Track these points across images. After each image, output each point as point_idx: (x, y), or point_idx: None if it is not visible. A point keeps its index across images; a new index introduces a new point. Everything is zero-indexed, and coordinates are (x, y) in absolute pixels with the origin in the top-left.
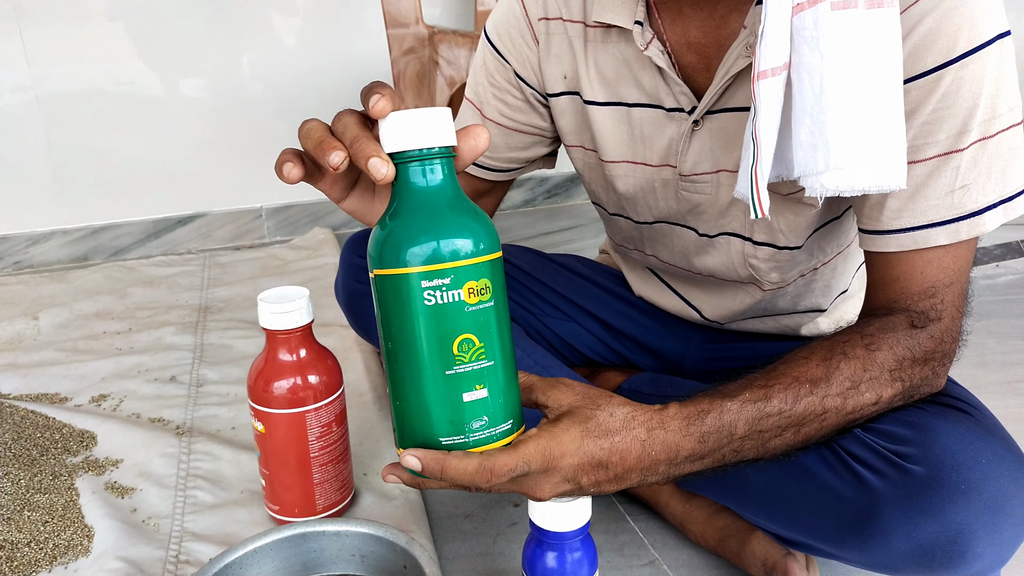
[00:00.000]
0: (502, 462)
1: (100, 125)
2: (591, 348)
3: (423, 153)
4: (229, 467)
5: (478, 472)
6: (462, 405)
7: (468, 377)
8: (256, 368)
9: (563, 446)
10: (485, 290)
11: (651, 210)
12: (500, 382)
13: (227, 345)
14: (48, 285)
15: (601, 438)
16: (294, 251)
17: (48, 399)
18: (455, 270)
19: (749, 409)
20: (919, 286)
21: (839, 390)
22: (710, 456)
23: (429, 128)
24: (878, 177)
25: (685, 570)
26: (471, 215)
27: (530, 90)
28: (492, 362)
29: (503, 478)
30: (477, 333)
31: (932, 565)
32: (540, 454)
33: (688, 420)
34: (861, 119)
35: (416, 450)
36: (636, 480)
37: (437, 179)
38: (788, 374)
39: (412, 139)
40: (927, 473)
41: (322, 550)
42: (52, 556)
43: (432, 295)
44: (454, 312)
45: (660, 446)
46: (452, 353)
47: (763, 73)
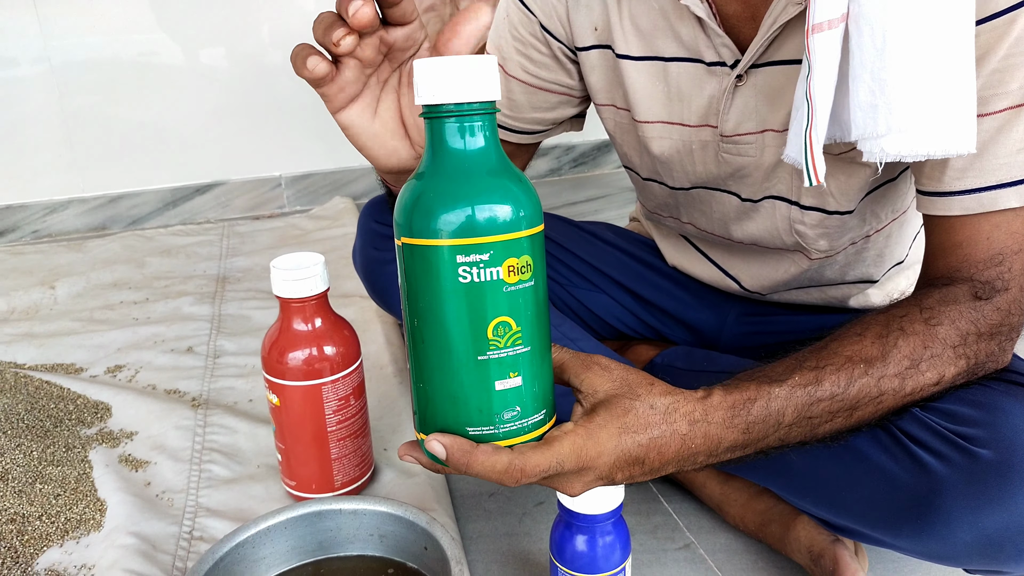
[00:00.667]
0: (534, 462)
1: (117, 94)
2: (621, 320)
3: (463, 108)
4: (246, 440)
5: (507, 471)
6: (493, 394)
7: (502, 364)
8: (270, 338)
9: (600, 445)
10: (526, 268)
11: (688, 175)
12: (535, 369)
13: (245, 316)
14: (65, 254)
15: (640, 433)
16: (314, 221)
17: (63, 369)
18: (495, 245)
19: (799, 395)
20: (984, 253)
21: (897, 370)
22: (753, 445)
23: (472, 79)
24: (945, 141)
25: (722, 555)
26: (515, 182)
27: (557, 44)
28: (529, 348)
29: (533, 478)
30: (515, 316)
31: (1000, 557)
32: (575, 454)
33: (733, 410)
34: (928, 77)
35: (443, 436)
36: (672, 470)
37: (479, 139)
38: (840, 353)
39: (451, 91)
40: (996, 457)
41: (339, 529)
42: (64, 530)
43: (468, 272)
44: (491, 292)
45: (701, 439)
46: (486, 337)
47: (819, 26)
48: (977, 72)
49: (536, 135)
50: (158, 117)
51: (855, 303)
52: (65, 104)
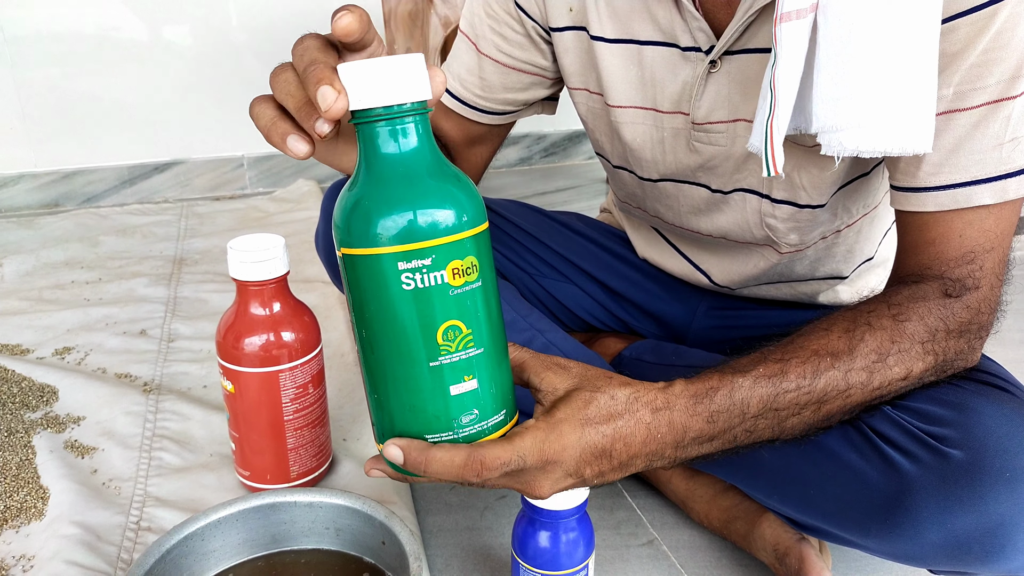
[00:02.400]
0: (494, 454)
1: (74, 67)
2: (590, 312)
3: (393, 111)
4: (199, 428)
5: (467, 465)
6: (449, 399)
7: (455, 368)
8: (226, 322)
9: (563, 438)
10: (472, 269)
11: (657, 165)
12: (491, 370)
13: (202, 299)
14: (15, 231)
15: (603, 424)
16: (276, 203)
17: (8, 350)
18: (436, 249)
19: (763, 385)
20: (956, 251)
21: (864, 364)
22: (720, 437)
23: (399, 80)
24: (903, 138)
25: (686, 551)
26: (452, 181)
27: (531, 23)
28: (481, 349)
29: (495, 472)
30: (464, 319)
31: (966, 559)
32: (537, 448)
33: (696, 398)
34: (890, 73)
35: (398, 440)
36: (642, 466)
37: (411, 141)
38: (807, 347)
39: (378, 94)
40: (967, 458)
41: (293, 522)
42: (3, 519)
43: (411, 279)
44: (437, 297)
45: (666, 428)
46: (436, 343)
47: (787, 15)
48: (955, 67)
49: (508, 116)
50: (117, 92)
51: (825, 299)
52: (18, 75)
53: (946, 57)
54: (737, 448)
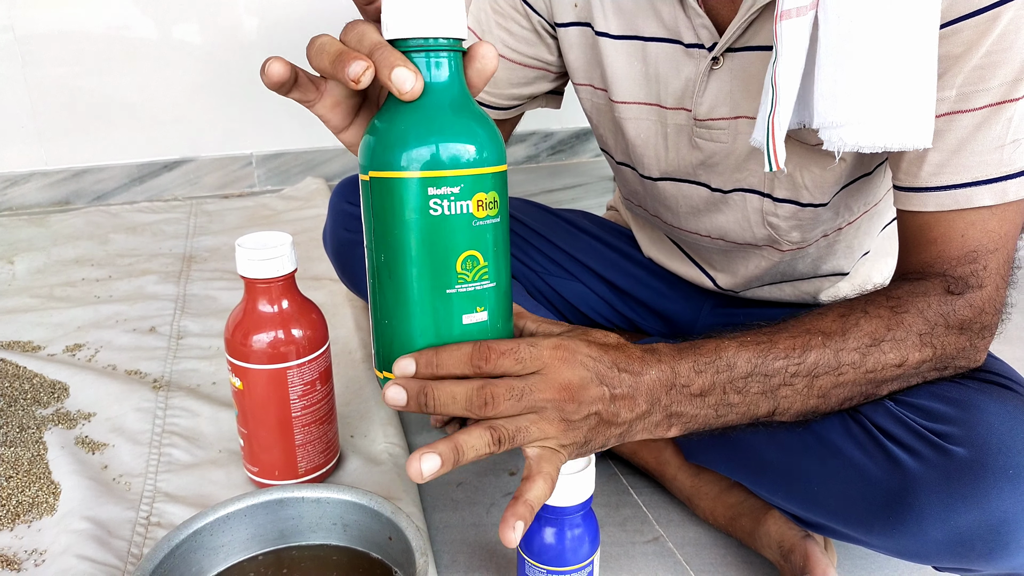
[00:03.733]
0: (502, 342)
1: (84, 66)
2: (596, 310)
3: (430, 43)
4: (208, 424)
5: (475, 351)
6: (461, 328)
7: (469, 298)
8: (234, 319)
9: (571, 340)
10: (494, 204)
11: (660, 161)
12: (499, 305)
13: (211, 296)
14: (26, 229)
15: (602, 346)
16: (285, 201)
17: (20, 347)
18: (466, 178)
19: (750, 348)
20: (959, 250)
21: (856, 345)
22: (712, 393)
23: (438, 14)
24: (902, 134)
25: (691, 548)
26: (481, 120)
27: (537, 17)
28: (494, 283)
29: (505, 358)
30: (482, 250)
31: (969, 556)
32: (551, 341)
33: (680, 348)
34: (889, 69)
35: (407, 354)
36: (643, 407)
37: (445, 75)
38: (798, 326)
39: (418, 25)
40: (970, 455)
41: (301, 517)
42: (15, 514)
43: (439, 204)
44: (461, 225)
45: (656, 366)
46: (455, 270)
47: (787, 12)
48: (958, 68)
49: (513, 110)
50: (127, 91)
51: (827, 297)
52: (29, 74)
53: (949, 59)
54: (733, 420)
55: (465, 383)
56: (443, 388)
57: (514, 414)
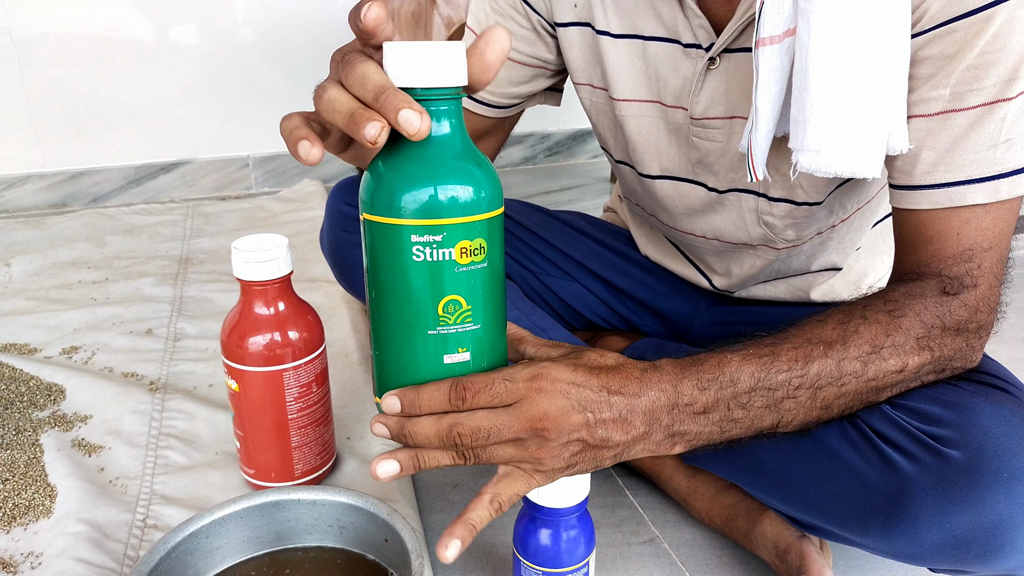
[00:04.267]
0: (477, 378)
1: (81, 68)
2: (593, 310)
3: (429, 93)
4: (204, 427)
5: (452, 389)
6: (442, 367)
7: (451, 339)
8: (230, 322)
9: (553, 368)
10: (479, 251)
11: (660, 159)
12: (484, 347)
13: (208, 298)
14: (23, 231)
15: (593, 368)
16: (281, 203)
17: (16, 350)
18: (449, 227)
19: (753, 363)
20: (954, 249)
21: (857, 354)
22: (716, 410)
23: (439, 64)
24: (851, 163)
25: (687, 549)
26: (475, 167)
27: (537, 17)
28: (478, 326)
29: (480, 395)
30: (465, 295)
31: (965, 558)
32: (524, 367)
33: (683, 366)
34: (839, 102)
35: (394, 391)
36: (641, 429)
37: (443, 124)
38: (799, 335)
39: (417, 75)
40: (965, 458)
41: (297, 519)
42: (11, 516)
43: (421, 251)
44: (443, 271)
45: (656, 384)
46: (437, 313)
47: (762, 40)
48: (952, 68)
49: (512, 108)
50: (124, 93)
51: (821, 293)
52: (26, 76)
53: (943, 58)
54: (738, 432)
55: (436, 422)
56: (419, 427)
57: (485, 447)
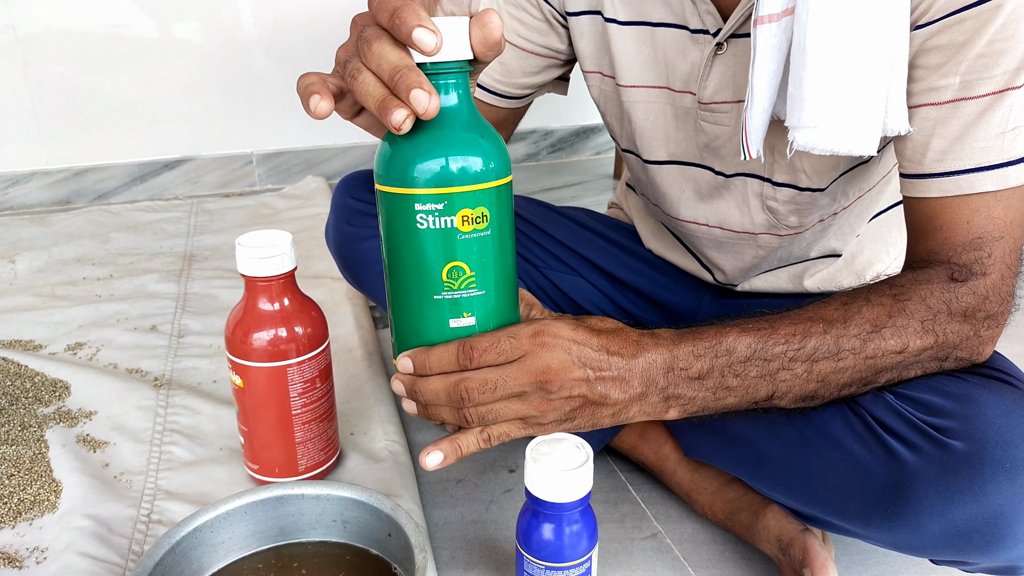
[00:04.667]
0: (483, 338)
1: (85, 65)
2: (597, 305)
3: (436, 67)
4: (208, 422)
5: (460, 350)
6: (448, 330)
7: (456, 304)
8: (234, 317)
9: (557, 325)
10: (482, 219)
11: (668, 143)
12: (489, 311)
13: (212, 295)
14: (28, 228)
15: (595, 329)
16: (285, 200)
17: (21, 346)
18: (450, 196)
19: (751, 335)
20: (964, 237)
21: (857, 332)
22: (710, 376)
23: (447, 40)
24: (848, 141)
25: (690, 544)
26: (478, 137)
27: (549, 8)
28: (483, 292)
29: (487, 354)
30: (469, 261)
31: (967, 548)
32: (531, 328)
33: (680, 333)
34: (837, 79)
35: (405, 352)
36: (638, 389)
37: (451, 96)
38: (800, 313)
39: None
40: (968, 449)
41: (301, 514)
42: (16, 511)
43: (424, 219)
44: (445, 238)
45: (654, 348)
46: (441, 279)
47: (761, 19)
48: (961, 56)
49: (524, 99)
50: (128, 90)
51: (822, 282)
52: (30, 74)
53: (953, 47)
54: (732, 403)
55: (444, 379)
56: (428, 385)
57: (491, 403)
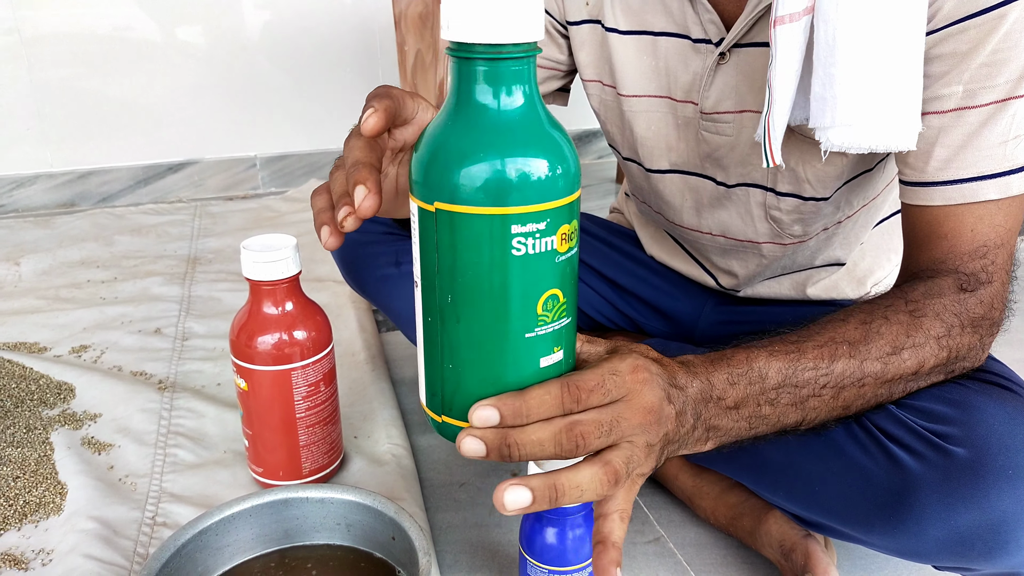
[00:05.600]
0: (586, 376)
1: (90, 68)
2: (598, 310)
3: (505, 50)
4: (213, 425)
5: (565, 391)
6: (537, 371)
7: (548, 339)
8: (239, 321)
9: (642, 359)
10: (574, 234)
11: (670, 153)
12: (571, 341)
13: (215, 298)
14: (32, 230)
15: (661, 365)
16: (288, 203)
17: (26, 348)
18: (552, 212)
19: (780, 359)
20: (969, 245)
21: (879, 355)
22: (745, 406)
23: (518, 13)
24: (887, 137)
25: (692, 549)
26: (563, 139)
27: (549, 18)
28: (570, 319)
29: (594, 394)
30: (563, 287)
31: (969, 555)
32: (621, 360)
33: (711, 359)
34: (871, 75)
35: (484, 401)
36: (691, 422)
37: (524, 88)
38: (823, 333)
39: (492, 28)
40: (970, 456)
41: (305, 517)
42: (22, 514)
43: (523, 243)
44: (545, 264)
45: (695, 378)
46: (536, 312)
47: (781, 19)
48: (965, 65)
49: None
50: (132, 93)
51: (824, 291)
52: (35, 76)
53: (956, 56)
54: (763, 431)
55: (550, 425)
56: (528, 435)
57: (606, 447)
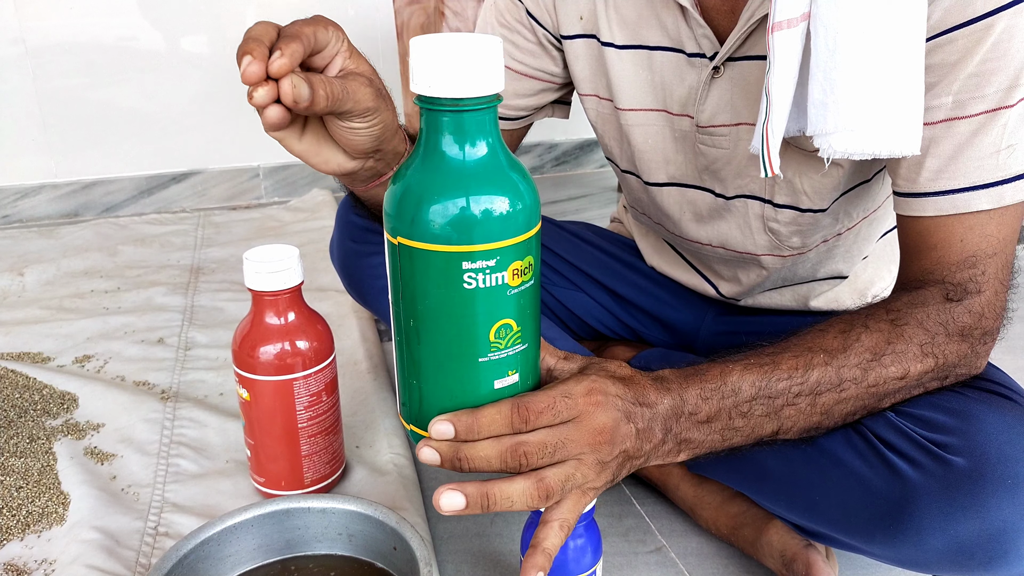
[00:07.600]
0: (537, 397)
1: (94, 78)
2: (600, 320)
3: (466, 103)
4: (215, 435)
5: (514, 411)
6: (492, 392)
7: (501, 364)
8: (241, 331)
9: (601, 382)
10: (528, 269)
11: (667, 166)
12: (530, 365)
13: (218, 308)
14: (36, 240)
15: (621, 378)
16: (291, 213)
17: (30, 358)
18: (502, 251)
19: (754, 372)
20: (958, 255)
21: (858, 361)
22: (718, 419)
23: (478, 68)
24: (890, 141)
25: (694, 558)
26: (519, 178)
27: (543, 31)
28: (526, 345)
29: (543, 416)
30: (516, 317)
31: (969, 564)
32: (577, 382)
33: (686, 375)
34: (874, 79)
35: (442, 416)
36: (659, 437)
37: (482, 136)
38: (800, 344)
39: (453, 84)
40: (969, 465)
41: (306, 527)
42: (25, 524)
43: (473, 278)
44: (496, 297)
45: (665, 394)
46: (488, 340)
47: (778, 24)
48: (954, 76)
49: (520, 120)
50: (136, 103)
51: (825, 303)
52: (40, 87)
53: (945, 67)
54: (738, 441)
55: (498, 444)
56: (478, 451)
57: (550, 464)
